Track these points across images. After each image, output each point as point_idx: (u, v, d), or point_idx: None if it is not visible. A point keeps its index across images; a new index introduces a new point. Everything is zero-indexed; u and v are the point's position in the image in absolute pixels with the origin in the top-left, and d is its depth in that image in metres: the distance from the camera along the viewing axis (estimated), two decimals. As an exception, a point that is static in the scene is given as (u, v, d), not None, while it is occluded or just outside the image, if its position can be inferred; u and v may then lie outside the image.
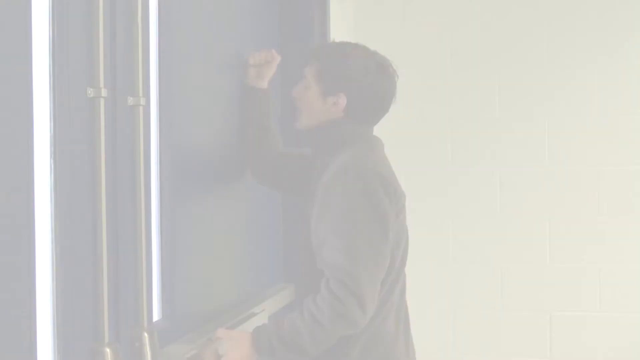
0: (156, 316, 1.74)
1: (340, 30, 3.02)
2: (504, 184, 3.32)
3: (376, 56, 1.94)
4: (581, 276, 3.24)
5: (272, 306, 2.42)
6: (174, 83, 1.79)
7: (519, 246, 3.29)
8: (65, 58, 1.32)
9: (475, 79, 3.35)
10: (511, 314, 3.30)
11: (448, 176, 3.38)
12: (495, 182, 3.32)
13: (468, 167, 3.36)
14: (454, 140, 3.38)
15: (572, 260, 3.24)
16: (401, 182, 3.36)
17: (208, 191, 2.07)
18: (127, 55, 1.53)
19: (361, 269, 1.72)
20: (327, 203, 1.79)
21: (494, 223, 3.32)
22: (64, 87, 1.32)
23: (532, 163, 3.30)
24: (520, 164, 3.31)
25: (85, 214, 1.38)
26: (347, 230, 1.74)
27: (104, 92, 1.40)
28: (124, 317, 1.52)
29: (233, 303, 2.22)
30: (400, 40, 3.41)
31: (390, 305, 1.90)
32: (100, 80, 1.39)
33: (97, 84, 1.39)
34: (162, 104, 1.75)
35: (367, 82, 1.88)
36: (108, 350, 1.39)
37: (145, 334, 1.54)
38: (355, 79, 1.87)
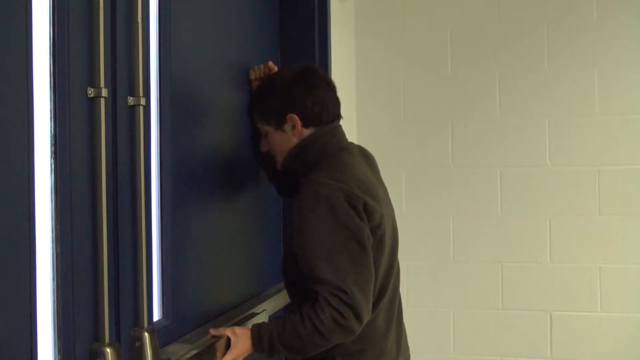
0: (156, 316, 1.74)
1: (340, 27, 3.03)
2: (505, 183, 3.32)
3: (293, 68, 2.03)
4: (582, 276, 3.23)
5: (272, 306, 2.42)
6: (174, 83, 1.79)
7: (519, 245, 3.29)
8: (65, 58, 1.32)
9: (475, 78, 3.35)
10: (511, 313, 3.30)
11: (448, 175, 3.39)
12: (495, 180, 3.33)
13: (468, 166, 3.36)
14: (454, 139, 3.38)
15: (572, 260, 3.24)
16: (401, 179, 3.41)
17: (208, 191, 2.07)
18: (127, 55, 1.53)
19: (351, 284, 1.80)
20: (304, 231, 1.86)
21: (494, 222, 3.32)
22: (64, 87, 1.32)
23: (533, 162, 3.30)
24: (521, 163, 3.31)
25: (85, 214, 1.38)
26: (328, 254, 1.82)
27: (104, 92, 1.40)
28: (124, 317, 1.52)
29: (233, 303, 2.22)
30: (400, 37, 3.42)
31: (381, 305, 1.97)
32: (100, 80, 1.39)
33: (97, 84, 1.39)
34: (162, 104, 1.75)
35: (298, 88, 1.97)
36: (109, 350, 1.39)
37: (146, 334, 1.54)
38: (288, 93, 1.97)
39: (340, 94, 2.11)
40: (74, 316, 1.34)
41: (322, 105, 1.99)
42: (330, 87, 2.04)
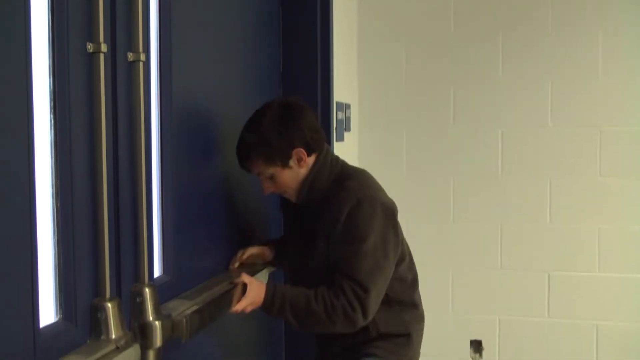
0: (157, 272, 1.76)
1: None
2: (506, 144, 3.31)
3: (274, 103, 2.04)
4: (581, 237, 3.25)
5: (272, 266, 2.44)
6: (174, 39, 1.78)
7: (519, 206, 3.30)
8: (64, 12, 1.31)
9: (478, 37, 3.33)
10: (510, 273, 3.32)
11: (449, 135, 3.38)
12: (496, 141, 3.32)
13: (469, 127, 3.36)
14: (455, 101, 3.37)
15: (572, 220, 3.25)
16: (402, 140, 3.40)
17: (209, 147, 2.07)
18: (127, 10, 1.51)
19: (372, 286, 1.99)
20: (348, 231, 2.00)
21: (495, 183, 3.32)
22: (63, 42, 1.31)
23: (534, 123, 3.29)
24: (523, 124, 3.30)
25: (85, 169, 1.37)
26: (364, 255, 1.98)
27: (103, 48, 1.38)
28: (125, 273, 1.53)
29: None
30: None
31: (414, 279, 2.25)
32: (99, 35, 1.38)
33: (96, 39, 1.38)
34: (162, 60, 1.74)
35: (293, 122, 2.01)
36: (110, 305, 1.41)
37: (146, 290, 1.55)
38: (286, 130, 2.00)
39: (341, 55, 2.10)
40: (74, 271, 1.35)
41: (317, 130, 2.07)
42: (312, 112, 2.11)
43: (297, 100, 2.09)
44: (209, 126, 2.07)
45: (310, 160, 2.06)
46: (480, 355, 3.38)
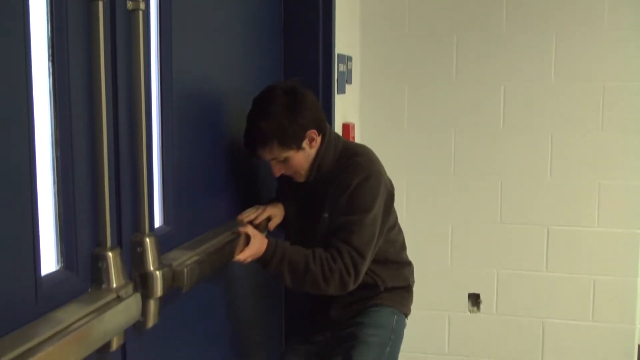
0: (157, 223, 1.76)
1: None
2: (508, 98, 3.29)
3: (277, 89, 2.10)
4: (581, 192, 3.25)
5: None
6: (174, -13, 1.75)
7: (520, 160, 3.30)
8: (61, -42, 1.29)
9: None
10: (509, 227, 3.34)
11: (452, 89, 3.36)
12: (499, 96, 3.30)
13: (472, 81, 3.33)
14: (458, 55, 3.34)
15: (572, 175, 3.25)
16: (403, 90, 3.38)
17: (210, 96, 2.06)
18: (125, -44, 1.48)
19: (368, 255, 2.13)
20: (353, 201, 2.13)
21: (496, 136, 3.31)
22: (61, -12, 1.29)
23: (537, 78, 3.26)
24: (526, 79, 3.28)
25: (84, 118, 1.37)
26: (364, 226, 2.11)
27: (102, -6, 1.36)
28: (125, 223, 1.53)
29: (234, 212, 2.24)
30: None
31: (402, 242, 2.46)
32: (98, -18, 1.36)
33: (94, -14, 1.35)
34: (162, 9, 1.72)
35: (302, 106, 2.10)
36: (110, 254, 1.41)
37: (147, 240, 1.55)
38: (298, 113, 2.08)
39: (343, 6, 2.08)
40: (75, 221, 1.35)
41: (320, 110, 2.19)
42: (312, 94, 2.19)
43: (297, 83, 2.15)
44: (210, 76, 2.06)
45: (318, 139, 2.17)
46: (478, 308, 3.42)
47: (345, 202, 2.13)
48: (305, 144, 2.13)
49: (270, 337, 2.72)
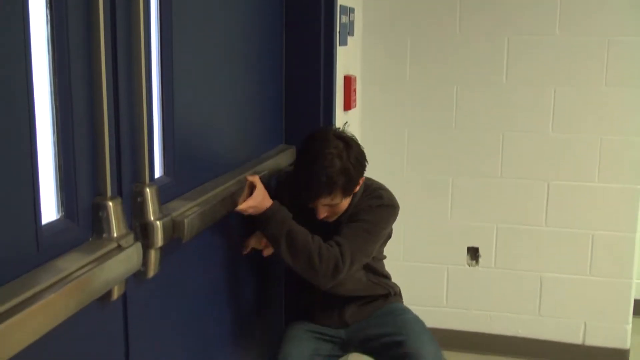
0: (158, 173, 1.76)
1: None
2: (512, 51, 3.26)
3: (330, 135, 2.22)
4: (582, 147, 3.25)
5: (273, 166, 2.45)
6: None
7: (522, 115, 3.28)
8: None
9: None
10: (509, 182, 3.34)
11: (454, 43, 3.32)
12: (502, 49, 3.27)
13: (475, 35, 3.30)
14: (462, 8, 3.29)
15: (574, 130, 3.24)
16: (406, 46, 3.34)
17: (210, 42, 2.03)
18: None
19: (362, 260, 2.28)
20: (369, 215, 2.29)
21: (498, 90, 3.29)
22: None
23: (541, 31, 3.22)
24: (530, 31, 3.24)
25: (83, 63, 1.35)
26: (370, 241, 2.28)
27: None
28: (125, 173, 1.53)
29: (234, 163, 2.24)
30: None
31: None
32: None
33: None
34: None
35: (356, 154, 2.22)
36: (111, 204, 1.41)
37: (147, 190, 1.55)
38: (357, 163, 2.21)
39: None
40: (75, 170, 1.35)
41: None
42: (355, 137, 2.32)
43: (343, 131, 2.28)
44: (211, 23, 2.03)
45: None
46: (477, 262, 3.44)
47: (362, 215, 2.27)
48: (355, 189, 2.26)
49: (271, 287, 2.74)
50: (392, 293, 2.53)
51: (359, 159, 2.23)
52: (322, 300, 2.47)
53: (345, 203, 2.28)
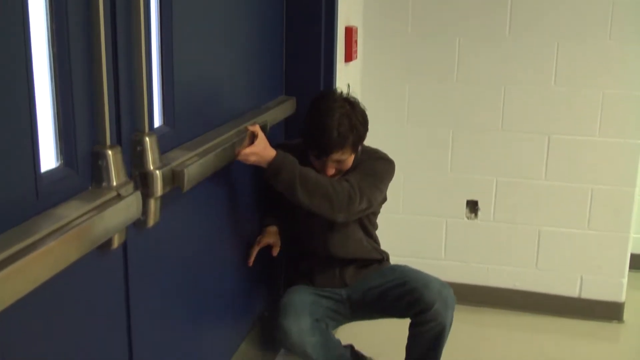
0: (157, 122, 1.75)
1: None
2: (515, 5, 3.21)
3: (337, 96, 2.40)
4: (584, 100, 3.22)
5: (273, 118, 2.44)
6: None
7: (524, 68, 3.25)
8: None
9: None
10: (510, 135, 3.33)
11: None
12: (505, 3, 3.22)
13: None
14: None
15: (576, 84, 3.22)
16: (409, 0, 3.30)
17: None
18: None
19: (370, 198, 2.38)
20: (372, 166, 2.45)
21: (501, 44, 3.25)
22: None
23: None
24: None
25: (81, 12, 1.33)
26: (375, 179, 2.42)
27: None
28: (124, 121, 1.52)
29: (234, 113, 2.23)
30: None
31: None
32: None
33: None
34: None
35: (364, 114, 2.42)
36: (110, 152, 1.41)
37: (147, 138, 1.55)
38: (365, 120, 2.41)
39: None
40: (74, 117, 1.34)
41: None
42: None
43: (348, 92, 2.42)
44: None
45: None
46: (476, 215, 3.45)
47: (365, 165, 2.42)
48: (359, 147, 2.43)
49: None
50: (385, 258, 2.66)
51: (364, 117, 2.39)
52: (322, 263, 2.56)
53: (351, 159, 2.40)
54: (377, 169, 2.44)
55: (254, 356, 2.65)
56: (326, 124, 2.30)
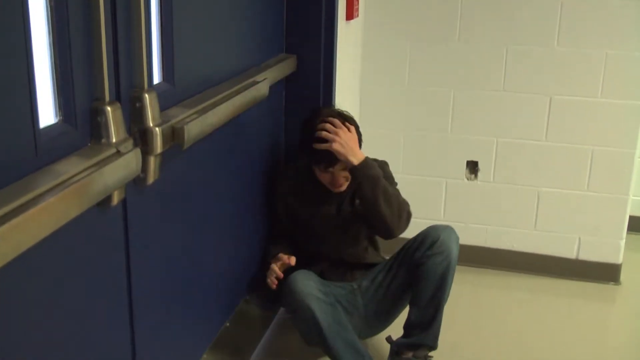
0: (157, 79, 1.73)
1: None
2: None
3: (330, 110, 2.53)
4: (587, 61, 3.19)
5: (273, 76, 2.42)
6: None
7: (527, 28, 3.21)
8: None
9: None
10: (512, 95, 3.30)
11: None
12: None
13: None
14: None
15: (580, 44, 3.18)
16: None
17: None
18: None
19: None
20: (388, 175, 2.59)
21: (503, 5, 3.21)
22: None
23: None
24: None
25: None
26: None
27: None
28: (124, 78, 1.50)
29: (234, 71, 2.21)
30: None
31: None
32: None
33: None
34: None
35: (357, 127, 2.51)
36: (109, 108, 1.39)
37: (146, 95, 1.53)
38: (358, 133, 2.50)
39: None
40: (72, 73, 1.32)
41: None
42: None
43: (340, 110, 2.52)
44: None
45: None
46: (476, 176, 3.45)
47: (388, 177, 2.52)
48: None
49: (270, 189, 2.75)
50: (383, 259, 2.73)
51: (356, 123, 2.50)
52: (331, 267, 2.62)
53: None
54: (393, 179, 2.59)
55: (253, 316, 2.67)
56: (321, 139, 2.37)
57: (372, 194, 2.36)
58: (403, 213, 2.42)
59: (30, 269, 1.24)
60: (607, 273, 3.41)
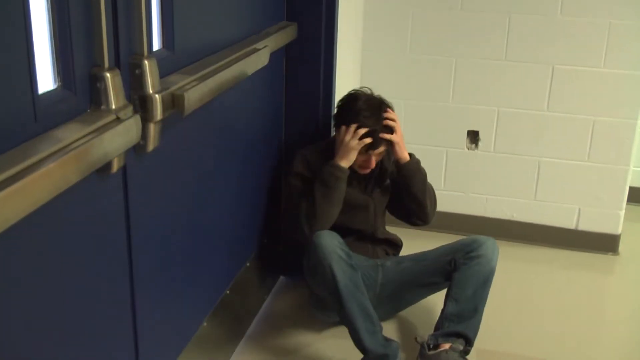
0: (156, 46, 1.72)
1: None
2: None
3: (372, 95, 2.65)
4: (590, 30, 3.17)
5: (274, 43, 2.40)
6: None
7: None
8: None
9: None
10: (514, 65, 3.28)
11: None
12: None
13: None
14: None
15: (583, 13, 3.15)
16: None
17: None
18: None
19: None
20: None
21: (507, -29, 3.18)
22: None
23: None
24: None
25: None
26: None
27: None
28: (123, 44, 1.49)
29: (234, 38, 2.19)
30: None
31: None
32: None
33: None
34: None
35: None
36: (108, 75, 1.39)
37: (146, 62, 1.52)
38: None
39: None
40: (71, 39, 1.31)
41: None
42: None
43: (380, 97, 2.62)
44: None
45: None
46: (476, 145, 3.44)
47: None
48: None
49: (270, 156, 2.75)
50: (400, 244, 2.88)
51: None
52: (356, 239, 2.66)
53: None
54: None
55: (254, 283, 2.69)
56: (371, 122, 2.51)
57: (422, 188, 2.62)
58: (435, 204, 2.72)
59: (31, 235, 1.24)
60: (606, 243, 3.43)
